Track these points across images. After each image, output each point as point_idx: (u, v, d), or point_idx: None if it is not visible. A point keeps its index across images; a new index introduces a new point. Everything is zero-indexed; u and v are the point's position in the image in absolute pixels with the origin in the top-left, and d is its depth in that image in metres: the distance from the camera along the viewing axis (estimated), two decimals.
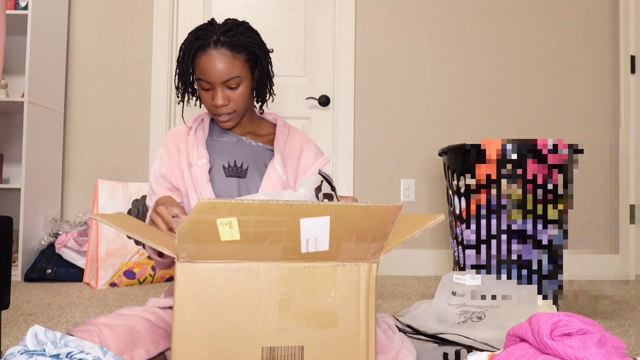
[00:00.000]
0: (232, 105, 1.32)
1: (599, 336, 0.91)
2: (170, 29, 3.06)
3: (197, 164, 1.33)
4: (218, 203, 0.77)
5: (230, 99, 1.31)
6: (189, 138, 1.37)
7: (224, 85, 1.29)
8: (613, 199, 3.07)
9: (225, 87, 1.30)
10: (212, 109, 1.33)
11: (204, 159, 1.34)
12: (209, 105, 1.33)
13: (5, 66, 3.00)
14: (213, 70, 1.27)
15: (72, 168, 3.06)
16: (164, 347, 1.13)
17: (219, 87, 1.29)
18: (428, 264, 3.06)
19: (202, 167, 1.33)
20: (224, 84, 1.29)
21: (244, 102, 1.34)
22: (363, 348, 0.89)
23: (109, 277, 2.51)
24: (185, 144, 1.37)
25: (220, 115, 1.33)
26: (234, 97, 1.31)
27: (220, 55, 1.27)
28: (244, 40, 1.29)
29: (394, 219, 0.85)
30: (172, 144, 1.38)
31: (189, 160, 1.35)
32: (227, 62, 1.27)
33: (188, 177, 1.33)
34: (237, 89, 1.31)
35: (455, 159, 2.09)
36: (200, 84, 1.32)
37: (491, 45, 3.13)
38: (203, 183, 1.31)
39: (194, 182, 1.32)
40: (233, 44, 1.28)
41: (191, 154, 1.35)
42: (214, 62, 1.27)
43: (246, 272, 0.86)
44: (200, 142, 1.37)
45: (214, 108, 1.32)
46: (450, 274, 1.58)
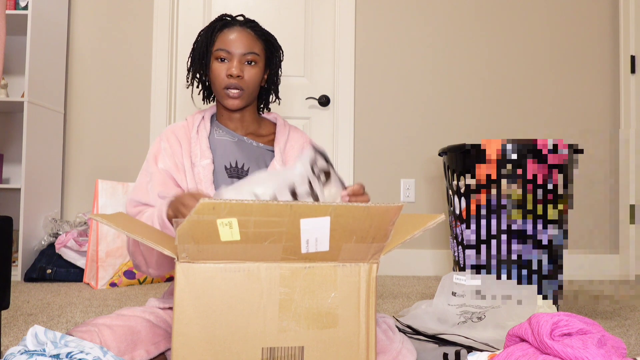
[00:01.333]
0: (245, 81, 1.32)
1: (599, 336, 0.91)
2: (170, 29, 3.06)
3: (201, 163, 1.32)
4: (218, 203, 0.77)
5: (244, 73, 1.32)
6: (192, 135, 1.36)
7: (242, 57, 1.32)
8: (613, 199, 3.07)
9: (243, 60, 1.32)
10: (224, 80, 1.32)
11: (208, 160, 1.32)
12: (222, 78, 1.32)
13: (5, 66, 3.00)
14: (236, 40, 1.32)
15: (72, 168, 3.06)
16: (164, 347, 1.13)
17: (236, 59, 1.32)
18: (428, 264, 3.06)
19: (206, 167, 1.31)
20: (243, 56, 1.32)
21: (254, 85, 1.36)
22: (363, 348, 0.89)
23: (109, 277, 2.51)
24: (187, 141, 1.35)
25: (231, 89, 1.32)
26: (248, 73, 1.32)
27: (244, 32, 1.34)
28: (264, 30, 1.39)
29: (394, 219, 0.85)
30: (174, 139, 1.35)
31: (192, 159, 1.33)
32: (250, 38, 1.34)
33: (190, 177, 1.31)
34: (253, 67, 1.34)
35: (455, 159, 2.09)
36: (218, 54, 1.32)
37: (491, 45, 3.13)
38: (207, 184, 1.30)
39: (196, 182, 1.31)
40: (256, 29, 1.36)
41: (194, 152, 1.33)
42: (237, 34, 1.33)
43: (246, 272, 0.86)
44: (203, 140, 1.35)
45: (227, 80, 1.31)
46: (450, 275, 1.59)
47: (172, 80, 3.07)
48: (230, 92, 1.32)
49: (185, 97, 3.09)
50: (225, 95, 1.33)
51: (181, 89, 3.10)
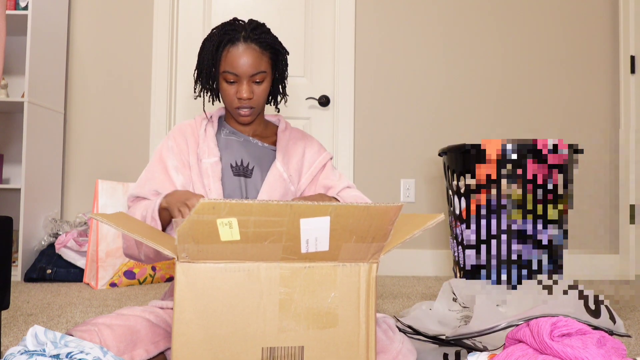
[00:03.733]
0: (255, 99, 1.33)
1: (598, 336, 0.91)
2: (170, 29, 3.06)
3: (208, 160, 1.34)
4: (218, 203, 0.77)
5: (254, 93, 1.33)
6: (200, 134, 1.38)
7: (250, 79, 1.32)
8: (613, 199, 3.07)
9: (251, 81, 1.32)
10: (235, 102, 1.34)
11: (216, 157, 1.35)
12: (232, 98, 1.34)
13: (5, 66, 3.00)
14: (242, 63, 1.30)
15: (72, 168, 3.06)
16: (163, 346, 1.13)
17: (245, 81, 1.31)
18: (428, 264, 3.06)
19: (214, 165, 1.34)
20: (250, 77, 1.31)
21: (264, 99, 1.38)
22: (363, 348, 0.89)
23: (109, 277, 2.51)
24: (194, 139, 1.38)
25: (242, 109, 1.34)
26: (257, 92, 1.33)
27: (249, 49, 1.31)
28: (270, 38, 1.35)
29: (394, 219, 0.85)
30: (181, 138, 1.38)
31: (199, 155, 1.36)
32: (256, 56, 1.31)
33: (196, 173, 1.34)
34: (261, 85, 1.34)
35: (455, 159, 2.09)
36: (225, 77, 1.33)
37: (491, 45, 3.13)
38: (214, 179, 1.33)
39: (202, 177, 1.33)
40: (261, 41, 1.33)
41: (201, 150, 1.36)
42: (243, 55, 1.30)
43: (246, 272, 0.86)
44: (211, 138, 1.38)
45: (237, 101, 1.33)
46: (451, 281, 1.59)
47: (172, 80, 3.07)
48: (241, 112, 1.36)
49: (185, 97, 3.09)
50: (237, 114, 1.37)
51: (181, 89, 3.10)
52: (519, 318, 1.18)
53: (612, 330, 1.23)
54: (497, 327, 1.19)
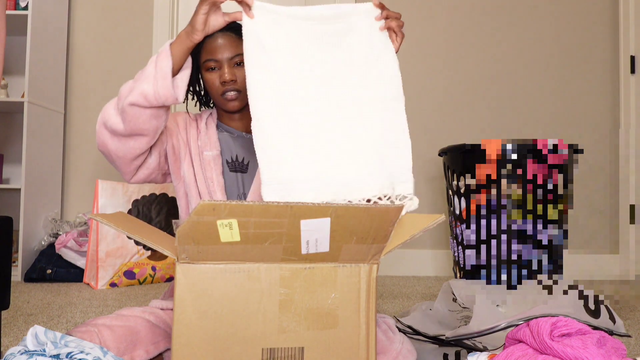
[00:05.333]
0: (239, 82, 1.33)
1: (598, 336, 0.91)
2: (170, 29, 3.06)
3: (210, 153, 1.35)
4: (218, 204, 0.77)
5: (237, 76, 1.32)
6: (201, 125, 1.39)
7: (231, 61, 1.32)
8: (613, 199, 3.07)
9: (232, 64, 1.32)
10: (219, 88, 1.33)
11: (217, 151, 1.36)
12: (216, 85, 1.33)
13: (5, 66, 3.00)
14: (221, 47, 1.31)
15: (72, 168, 3.06)
16: (163, 347, 1.13)
17: (226, 64, 1.31)
18: (428, 264, 3.06)
19: (216, 158, 1.35)
20: (231, 60, 1.31)
21: None
22: (363, 349, 0.89)
23: (109, 278, 2.51)
24: (195, 129, 1.38)
25: (228, 93, 1.33)
26: (240, 75, 1.32)
27: (225, 36, 1.32)
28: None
29: (395, 220, 0.85)
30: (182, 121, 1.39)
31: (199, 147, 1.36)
32: (234, 41, 1.31)
33: (197, 163, 1.34)
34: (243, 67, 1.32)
35: (455, 159, 2.09)
36: (208, 65, 1.32)
37: (491, 45, 3.13)
38: (217, 173, 1.33)
39: (204, 170, 1.33)
40: (237, 29, 1.32)
41: (203, 140, 1.36)
42: (220, 40, 1.31)
43: (246, 273, 0.86)
44: (212, 132, 1.38)
45: (222, 86, 1.33)
46: (451, 282, 1.59)
47: None
48: (228, 96, 1.34)
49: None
50: (224, 100, 1.35)
51: None
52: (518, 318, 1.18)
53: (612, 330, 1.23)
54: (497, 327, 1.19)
